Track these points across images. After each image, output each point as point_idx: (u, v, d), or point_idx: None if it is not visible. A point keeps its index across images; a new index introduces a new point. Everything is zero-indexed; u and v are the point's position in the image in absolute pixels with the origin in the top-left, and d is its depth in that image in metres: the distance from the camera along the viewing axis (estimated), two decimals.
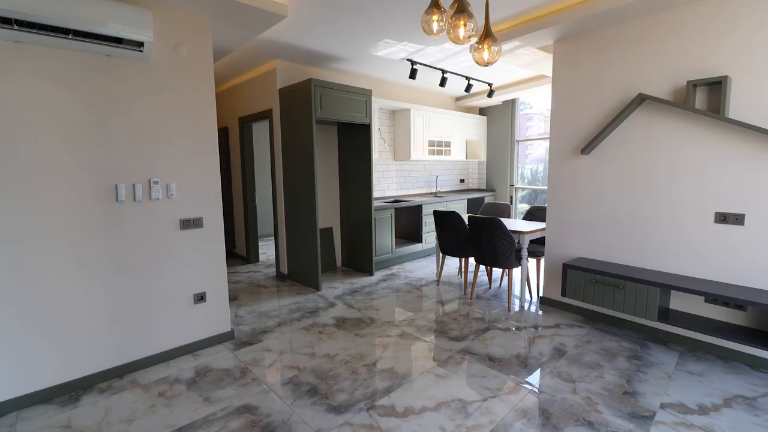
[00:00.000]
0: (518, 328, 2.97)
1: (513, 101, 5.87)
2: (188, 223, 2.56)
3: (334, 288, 3.97)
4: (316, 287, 3.89)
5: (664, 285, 2.49)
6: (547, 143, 5.97)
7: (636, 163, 2.80)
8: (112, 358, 2.35)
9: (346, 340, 2.79)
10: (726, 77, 2.32)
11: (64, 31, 1.99)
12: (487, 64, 1.74)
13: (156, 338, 2.50)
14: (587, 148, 2.95)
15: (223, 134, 5.12)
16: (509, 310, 3.33)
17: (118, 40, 2.14)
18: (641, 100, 2.66)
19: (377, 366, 2.43)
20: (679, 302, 2.69)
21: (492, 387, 2.20)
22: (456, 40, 1.63)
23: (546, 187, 5.80)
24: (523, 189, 6.13)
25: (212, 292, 2.72)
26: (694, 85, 2.44)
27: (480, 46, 1.73)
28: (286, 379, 2.29)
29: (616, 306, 2.70)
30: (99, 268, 2.26)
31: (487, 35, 1.72)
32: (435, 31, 1.75)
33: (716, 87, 2.41)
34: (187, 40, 2.48)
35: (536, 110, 6.08)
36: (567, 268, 2.94)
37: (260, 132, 6.02)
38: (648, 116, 2.71)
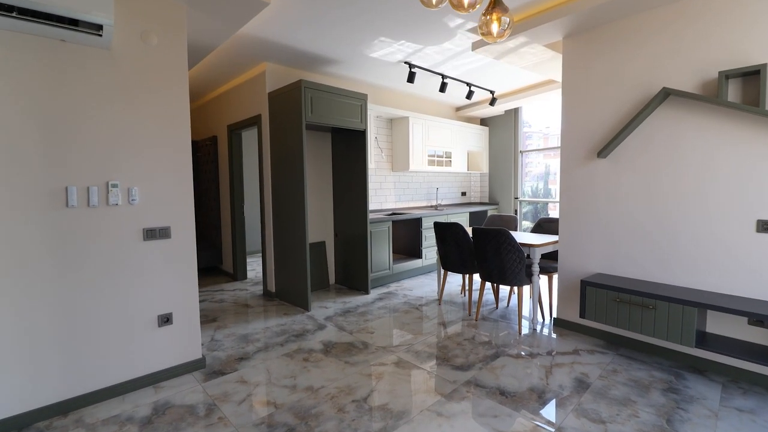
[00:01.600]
0: (532, 355, 2.60)
1: (516, 110, 5.64)
2: (153, 233, 2.24)
3: (325, 308, 3.61)
4: (305, 307, 3.52)
5: (701, 304, 2.14)
6: (547, 160, 5.70)
7: (662, 166, 2.49)
8: (56, 392, 1.98)
9: (334, 369, 2.42)
10: (764, 65, 2.04)
11: (7, 9, 1.72)
12: (496, 40, 1.46)
13: (110, 368, 2.13)
14: (604, 151, 2.66)
15: (212, 143, 4.86)
16: (519, 334, 2.96)
17: (73, 22, 1.88)
18: (665, 95, 2.38)
19: (369, 402, 2.05)
20: (717, 324, 2.33)
21: (506, 430, 1.82)
22: (460, 8, 1.36)
23: (552, 200, 5.51)
24: (530, 202, 5.82)
25: (180, 313, 2.37)
26: (726, 76, 2.16)
27: (488, 17, 1.45)
28: (259, 419, 1.91)
29: (645, 329, 2.34)
30: (41, 285, 1.92)
31: (495, 4, 1.45)
32: (434, 2, 1.48)
33: (752, 77, 2.13)
34: (157, 28, 2.22)
35: (535, 128, 5.83)
36: (586, 285, 2.59)
37: (250, 140, 5.78)
38: (673, 113, 2.43)
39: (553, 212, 5.74)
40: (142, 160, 2.19)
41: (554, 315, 3.28)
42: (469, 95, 4.61)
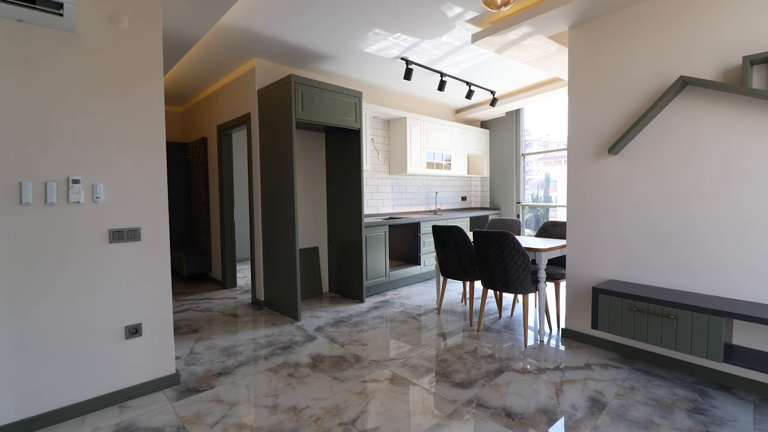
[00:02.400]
0: (539, 370, 2.36)
1: (517, 112, 5.47)
2: (121, 235, 2.02)
3: (316, 317, 3.37)
4: (295, 317, 3.29)
5: (730, 314, 1.91)
6: (547, 168, 5.51)
7: (681, 162, 2.29)
8: (4, 414, 1.74)
9: (321, 386, 2.18)
10: None
11: None
12: (500, 7, 1.27)
13: (69, 385, 1.90)
14: (616, 147, 2.46)
15: (201, 145, 4.68)
16: (525, 346, 2.72)
17: (31, 0, 1.70)
18: (682, 84, 2.19)
19: (357, 425, 1.82)
20: (744, 336, 2.10)
21: None
22: None
23: (558, 205, 5.30)
24: (534, 207, 5.61)
25: (151, 324, 2.14)
26: (751, 61, 1.96)
27: None
28: None
29: (666, 342, 2.11)
30: None
31: None
32: None
33: None
34: (128, 9, 2.03)
35: (534, 136, 5.64)
36: (598, 293, 2.37)
37: (242, 141, 5.61)
38: (692, 104, 2.23)
39: (553, 218, 5.52)
40: (109, 155, 1.99)
41: (562, 325, 3.04)
42: (469, 95, 4.44)
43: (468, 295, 3.72)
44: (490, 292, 3.96)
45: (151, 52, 2.11)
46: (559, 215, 5.44)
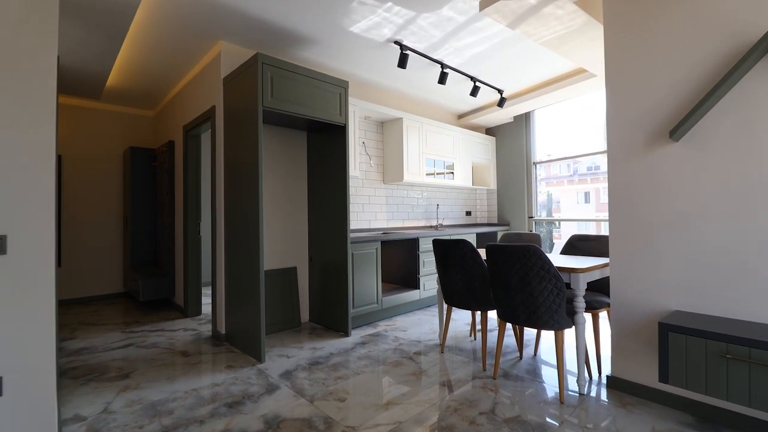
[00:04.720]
0: None
1: (527, 116, 4.90)
2: None
3: (286, 357, 2.66)
4: (258, 357, 2.58)
5: None
6: (549, 188, 4.89)
7: None
8: None
9: None
10: None
11: None
12: None
13: None
14: (679, 130, 1.83)
15: (168, 149, 4.08)
16: (562, 401, 2.00)
17: None
18: None
19: None
20: None
21: None
22: None
23: (599, 218, 4.62)
24: (551, 221, 4.94)
25: (19, 378, 1.45)
26: None
27: None
28: None
29: None
30: None
31: None
32: None
33: None
34: None
35: (537, 158, 5.01)
36: (668, 330, 1.68)
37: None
38: None
39: (557, 240, 4.87)
40: None
41: (607, 371, 2.33)
42: (474, 92, 3.88)
43: (479, 328, 3.02)
44: (508, 323, 3.24)
45: None
46: (563, 235, 4.79)
